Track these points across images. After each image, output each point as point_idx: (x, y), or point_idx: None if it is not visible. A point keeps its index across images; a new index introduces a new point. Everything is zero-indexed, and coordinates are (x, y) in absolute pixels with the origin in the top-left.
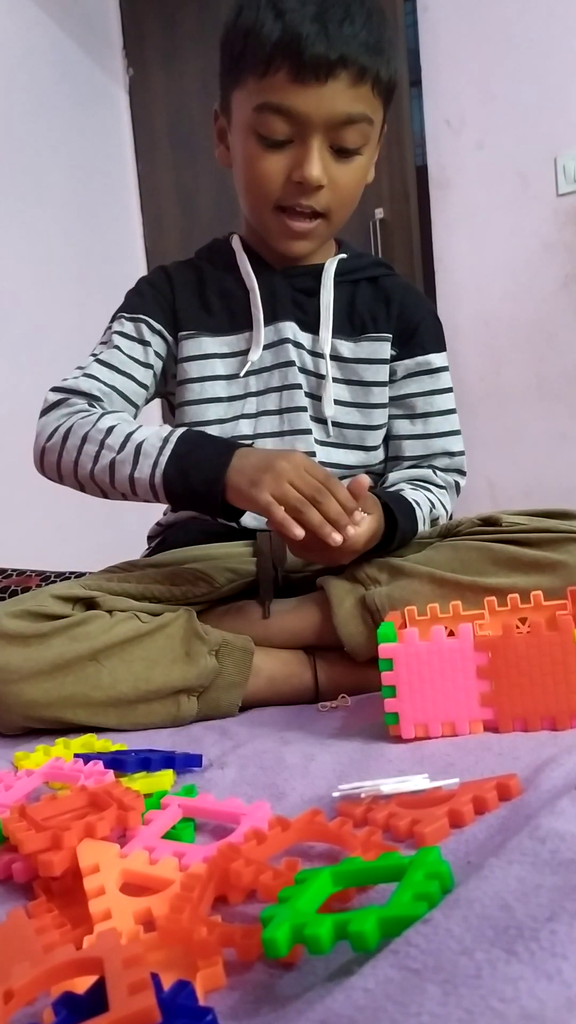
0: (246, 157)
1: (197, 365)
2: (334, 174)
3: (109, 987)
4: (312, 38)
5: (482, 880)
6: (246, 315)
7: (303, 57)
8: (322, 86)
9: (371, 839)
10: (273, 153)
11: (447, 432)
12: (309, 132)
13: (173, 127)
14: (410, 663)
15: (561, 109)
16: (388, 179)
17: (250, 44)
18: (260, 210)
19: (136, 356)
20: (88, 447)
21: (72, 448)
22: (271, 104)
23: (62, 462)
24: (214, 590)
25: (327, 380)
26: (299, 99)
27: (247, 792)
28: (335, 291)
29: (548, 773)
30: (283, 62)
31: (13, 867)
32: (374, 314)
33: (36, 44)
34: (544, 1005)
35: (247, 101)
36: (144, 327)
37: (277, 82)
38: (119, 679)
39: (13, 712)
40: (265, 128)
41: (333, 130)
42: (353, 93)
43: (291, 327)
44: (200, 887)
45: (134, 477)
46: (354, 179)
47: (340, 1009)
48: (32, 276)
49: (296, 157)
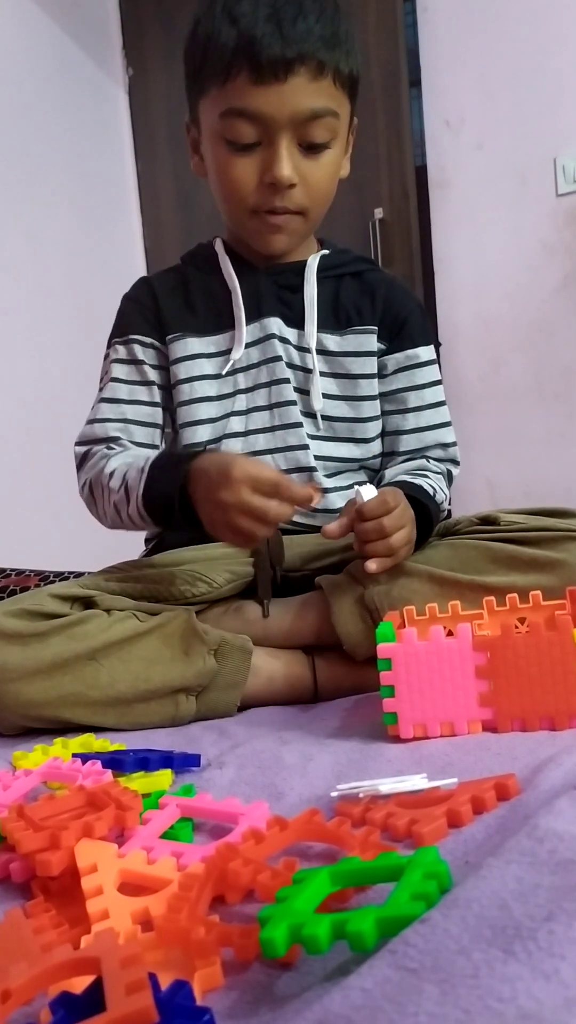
0: (217, 164)
1: (185, 366)
2: (304, 171)
3: (107, 987)
4: (267, 39)
5: (480, 880)
6: (231, 314)
7: (260, 58)
8: (282, 84)
9: (369, 839)
10: (242, 157)
11: (439, 424)
12: (275, 132)
13: (172, 127)
14: (409, 663)
15: (561, 109)
16: (388, 179)
17: (209, 53)
18: (237, 214)
19: (135, 379)
20: (104, 493)
21: (98, 498)
22: (235, 109)
23: (98, 513)
24: (213, 590)
25: (314, 374)
26: (261, 100)
27: (245, 792)
28: (319, 286)
29: (546, 773)
30: (242, 66)
31: (11, 867)
32: (359, 307)
33: (36, 44)
34: (542, 1005)
35: (212, 109)
36: (136, 346)
37: (238, 86)
38: (117, 678)
39: (11, 711)
40: (232, 133)
41: (299, 127)
42: (314, 88)
43: (276, 323)
44: (198, 887)
45: (129, 514)
46: (326, 174)
47: (338, 1009)
48: (32, 276)
49: (265, 159)
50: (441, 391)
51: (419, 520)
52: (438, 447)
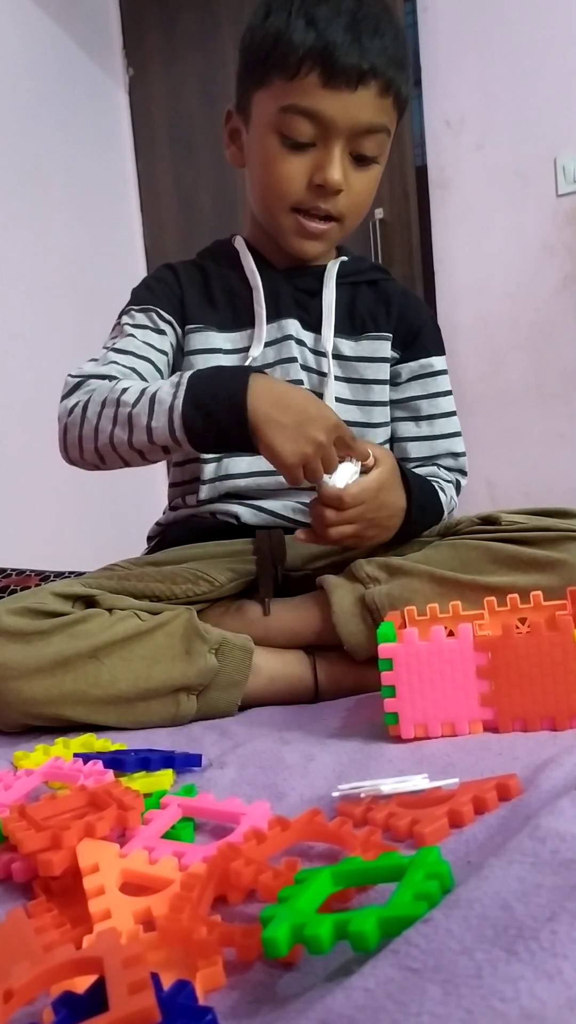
0: (266, 157)
1: (203, 358)
2: (352, 180)
3: (109, 987)
4: (346, 47)
5: (482, 880)
6: (249, 313)
7: (336, 64)
8: (351, 93)
9: (371, 839)
10: (295, 155)
11: (451, 433)
12: (333, 137)
13: (173, 126)
14: (410, 663)
15: (561, 109)
16: (388, 179)
17: (280, 47)
18: (276, 210)
19: (152, 343)
20: (107, 411)
21: (92, 416)
22: (299, 106)
23: (83, 433)
24: (214, 589)
25: (329, 377)
26: (328, 104)
27: (247, 792)
28: (336, 292)
29: (548, 773)
30: (314, 67)
31: (13, 867)
32: (374, 315)
33: (36, 44)
34: (545, 1005)
35: (271, 101)
36: (156, 316)
37: (307, 85)
38: (119, 677)
39: (13, 709)
40: (290, 129)
41: (355, 137)
42: (378, 104)
43: (294, 324)
44: (200, 887)
45: (152, 427)
46: (369, 187)
47: (340, 1009)
48: (32, 275)
49: (317, 160)
50: (452, 401)
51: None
52: (449, 456)
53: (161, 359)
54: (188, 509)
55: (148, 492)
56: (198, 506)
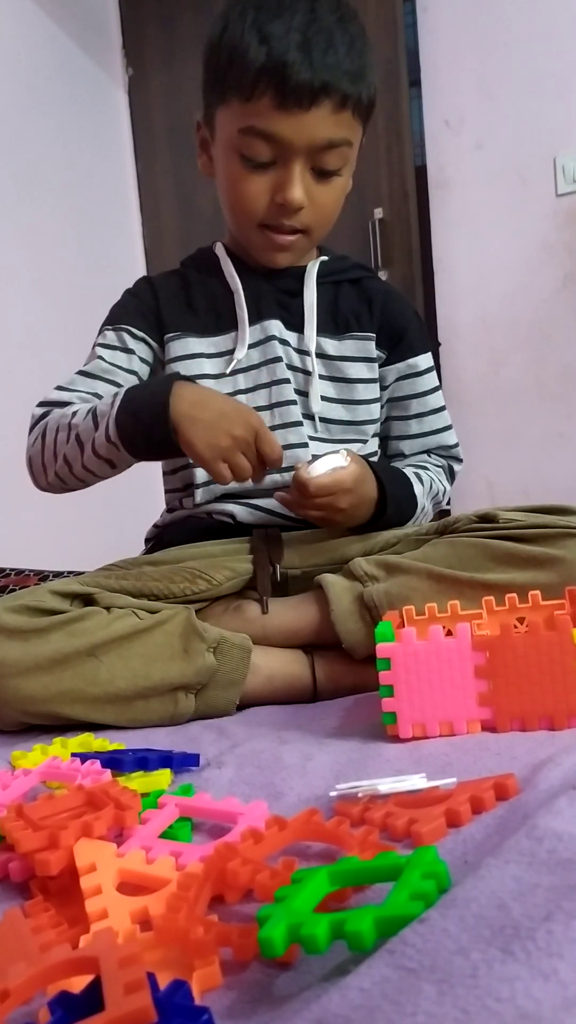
0: (230, 177)
1: (184, 365)
2: (314, 194)
3: (105, 986)
4: (297, 66)
5: (479, 880)
6: (231, 316)
7: (287, 85)
8: (305, 113)
9: (368, 839)
10: (256, 174)
11: (441, 428)
12: (291, 156)
13: (172, 126)
14: (408, 663)
15: (560, 109)
16: (387, 179)
17: (235, 65)
18: (244, 226)
19: (119, 363)
20: (60, 435)
21: (50, 443)
22: (255, 128)
23: (44, 460)
24: (212, 587)
25: (313, 376)
26: (282, 125)
27: (244, 791)
28: (318, 291)
29: (546, 773)
30: (267, 88)
31: (10, 866)
32: (357, 314)
33: (36, 43)
34: (540, 1005)
35: (231, 121)
36: (126, 335)
37: (261, 107)
38: (117, 675)
39: (11, 707)
40: (249, 150)
41: (315, 154)
42: (335, 119)
43: (277, 325)
44: (197, 886)
45: (95, 440)
46: (333, 198)
47: (336, 1009)
48: (31, 276)
49: (278, 179)
50: (441, 396)
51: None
52: (440, 449)
53: (128, 379)
54: (185, 510)
55: (146, 493)
56: (194, 508)
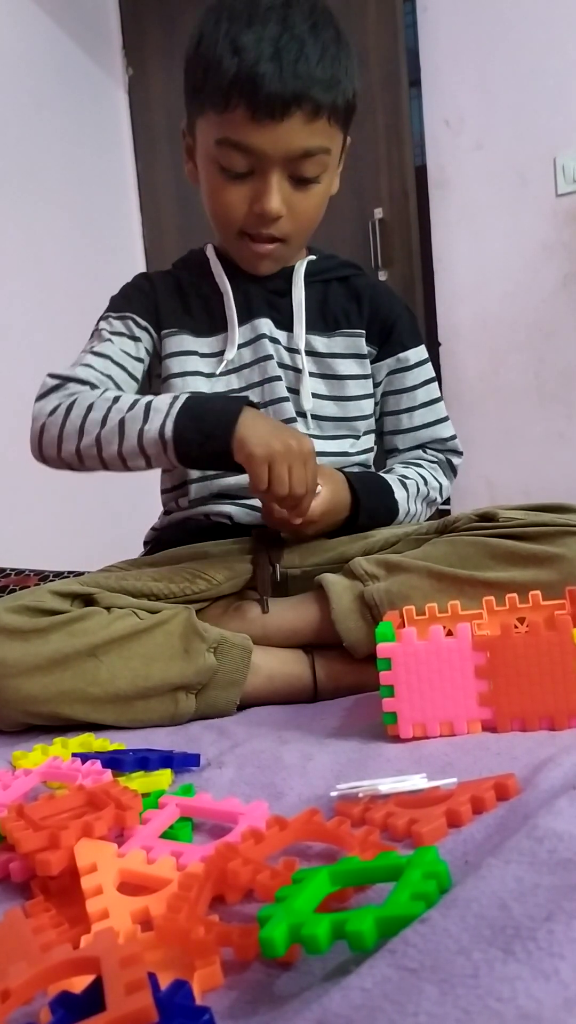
0: (210, 186)
1: (179, 361)
2: (293, 203)
3: (106, 986)
4: (268, 78)
5: (480, 880)
6: (223, 317)
7: (259, 97)
8: (278, 124)
9: (369, 839)
10: (234, 184)
11: (433, 421)
12: (267, 166)
13: (172, 126)
14: (408, 663)
15: (560, 109)
16: (387, 179)
17: (210, 77)
18: (225, 234)
19: (128, 351)
20: (94, 414)
21: (77, 417)
22: (230, 140)
23: (64, 433)
24: (212, 587)
25: (303, 374)
26: (256, 137)
27: (245, 792)
28: (307, 290)
29: (546, 773)
30: (240, 100)
31: (10, 866)
32: (346, 311)
33: (36, 44)
34: (541, 1005)
35: (209, 132)
36: (132, 324)
37: (235, 119)
38: (117, 675)
39: (11, 707)
40: (226, 161)
41: (291, 163)
42: (309, 129)
43: (267, 324)
44: (198, 886)
45: (144, 430)
46: (313, 205)
47: (337, 1009)
48: (31, 276)
49: (256, 189)
50: (435, 388)
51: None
52: (435, 442)
53: (136, 367)
54: (182, 512)
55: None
56: (190, 507)
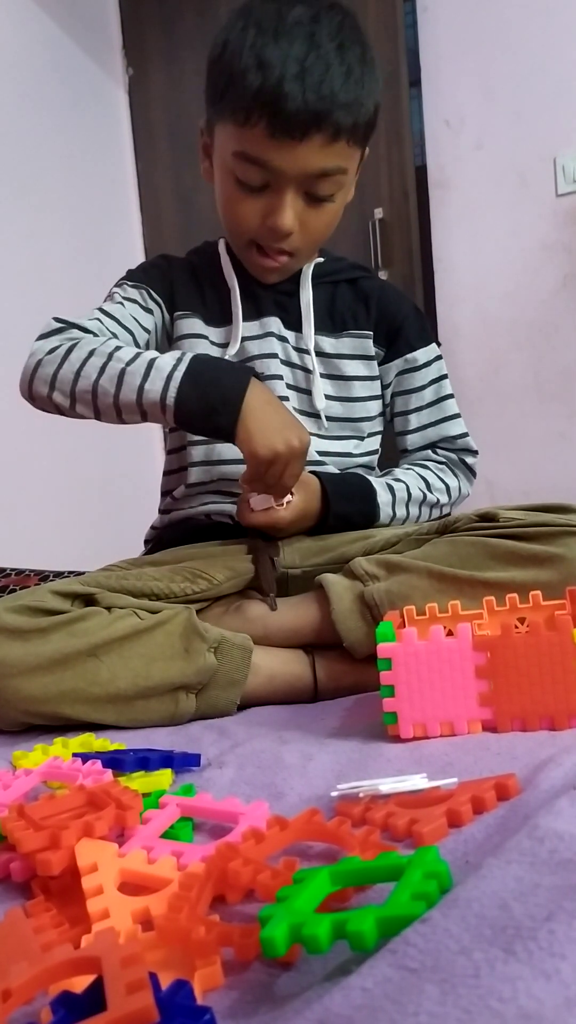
0: (224, 193)
1: (190, 343)
2: (306, 219)
3: (107, 986)
4: (291, 97)
5: (480, 880)
6: (231, 311)
7: (280, 115)
8: (297, 144)
9: (369, 839)
10: (249, 197)
11: (441, 419)
12: (283, 183)
13: (172, 126)
14: (409, 663)
15: (560, 109)
16: (387, 179)
17: (232, 87)
18: (236, 242)
19: (138, 318)
20: (94, 359)
21: (76, 360)
22: (248, 155)
23: (60, 373)
24: (213, 587)
25: (314, 374)
26: (275, 154)
27: (245, 791)
28: (315, 291)
29: (547, 773)
30: (261, 116)
31: (11, 866)
32: (354, 312)
33: (36, 43)
34: (542, 1004)
35: (227, 142)
36: (147, 294)
37: (255, 135)
38: (117, 675)
39: (12, 707)
40: (242, 174)
41: (307, 181)
42: (328, 150)
43: (276, 322)
44: (198, 886)
45: (144, 388)
46: (325, 222)
47: (338, 1008)
48: (31, 275)
49: (270, 204)
50: (445, 386)
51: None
52: (444, 441)
53: (143, 336)
54: (183, 511)
55: (146, 493)
56: (190, 499)
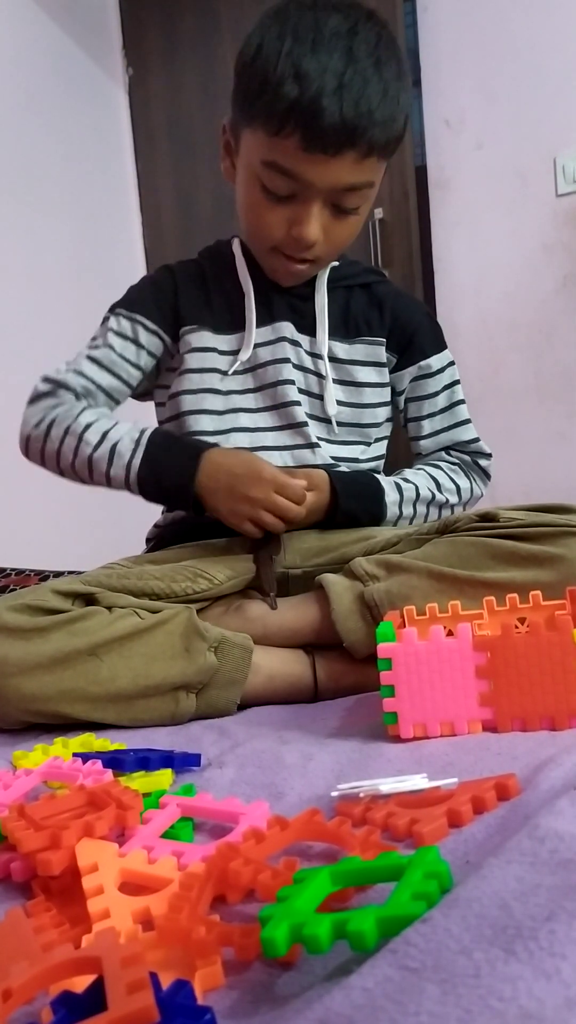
0: (249, 200)
1: (198, 357)
2: (330, 230)
3: (108, 986)
4: (328, 112)
5: (481, 880)
6: (244, 316)
7: (316, 130)
8: (330, 159)
9: (370, 839)
10: (275, 205)
11: (453, 425)
12: (311, 195)
13: (172, 126)
14: (409, 663)
15: (560, 109)
16: (388, 179)
17: (265, 94)
18: (258, 247)
19: (128, 356)
20: (68, 440)
21: (55, 439)
22: (279, 165)
23: (45, 450)
24: (213, 587)
25: (327, 380)
26: (306, 167)
27: (246, 791)
28: (329, 296)
29: (547, 773)
30: (296, 128)
31: (11, 866)
32: (368, 318)
33: (35, 43)
34: (543, 1004)
35: (256, 149)
36: (140, 328)
37: (288, 146)
38: (118, 674)
39: (12, 705)
40: (270, 183)
41: (335, 195)
42: (360, 166)
43: (288, 327)
44: (199, 886)
45: (110, 475)
46: (349, 232)
47: (339, 1008)
48: (31, 276)
49: (296, 214)
50: (457, 392)
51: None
52: (457, 446)
53: (135, 376)
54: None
55: None
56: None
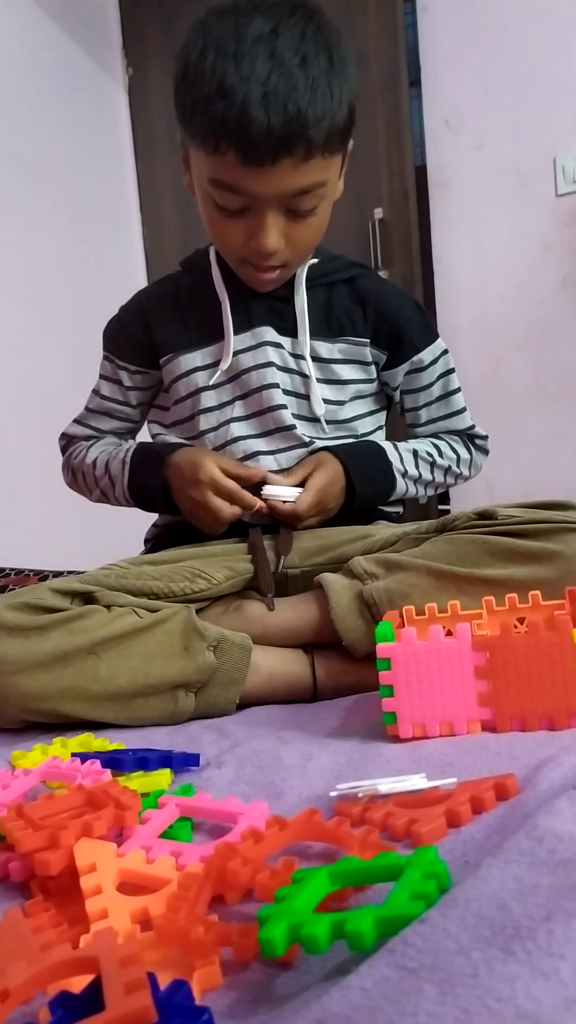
0: (208, 217)
1: (184, 383)
2: (291, 234)
3: (105, 986)
4: (257, 123)
5: (479, 880)
6: (222, 324)
7: (249, 143)
8: (270, 169)
9: (368, 839)
10: (231, 219)
11: (450, 414)
12: (262, 206)
13: (172, 126)
14: (408, 662)
15: (560, 109)
16: (387, 179)
17: (197, 113)
18: (228, 259)
19: (116, 398)
20: (88, 480)
21: (81, 483)
22: (223, 182)
23: (81, 489)
24: (212, 587)
25: (311, 380)
26: (249, 181)
27: (244, 791)
28: (311, 294)
29: (546, 773)
30: (230, 144)
31: (10, 866)
32: (351, 316)
33: (36, 43)
34: (541, 1004)
35: (201, 167)
36: (122, 372)
37: (226, 163)
38: (117, 673)
39: (11, 704)
40: (221, 200)
41: (286, 201)
42: (302, 168)
43: (269, 331)
44: (197, 886)
45: (119, 497)
46: (312, 233)
47: (337, 1008)
48: (31, 276)
49: (251, 225)
50: (452, 381)
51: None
52: (453, 434)
53: (124, 411)
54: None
55: None
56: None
